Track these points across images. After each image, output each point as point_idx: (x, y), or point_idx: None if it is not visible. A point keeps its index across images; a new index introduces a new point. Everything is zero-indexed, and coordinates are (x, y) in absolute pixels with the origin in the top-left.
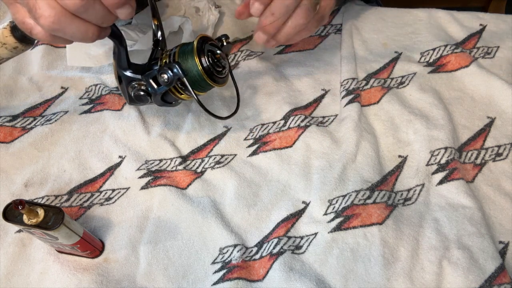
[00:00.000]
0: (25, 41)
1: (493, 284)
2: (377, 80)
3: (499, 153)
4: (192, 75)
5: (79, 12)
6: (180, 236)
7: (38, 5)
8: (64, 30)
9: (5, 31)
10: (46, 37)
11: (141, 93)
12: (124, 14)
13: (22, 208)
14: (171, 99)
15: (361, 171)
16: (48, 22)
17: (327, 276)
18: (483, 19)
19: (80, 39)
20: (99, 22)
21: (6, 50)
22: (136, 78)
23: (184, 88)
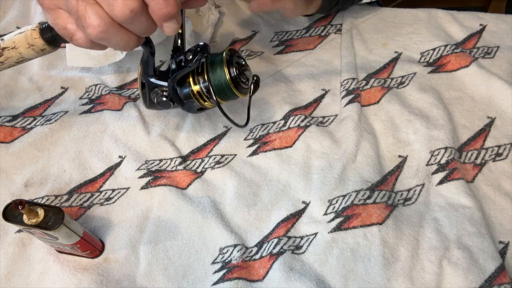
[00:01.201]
0: (54, 43)
1: (493, 284)
2: (377, 80)
3: (499, 153)
4: (219, 83)
5: (126, 23)
6: (180, 236)
7: (88, 15)
8: (109, 39)
9: (34, 32)
10: (86, 44)
11: (164, 98)
12: (170, 29)
13: (22, 208)
14: (194, 106)
15: (361, 171)
16: (96, 31)
17: (327, 276)
18: (483, 19)
19: (121, 47)
20: (142, 33)
21: (33, 51)
22: (161, 85)
23: (209, 96)
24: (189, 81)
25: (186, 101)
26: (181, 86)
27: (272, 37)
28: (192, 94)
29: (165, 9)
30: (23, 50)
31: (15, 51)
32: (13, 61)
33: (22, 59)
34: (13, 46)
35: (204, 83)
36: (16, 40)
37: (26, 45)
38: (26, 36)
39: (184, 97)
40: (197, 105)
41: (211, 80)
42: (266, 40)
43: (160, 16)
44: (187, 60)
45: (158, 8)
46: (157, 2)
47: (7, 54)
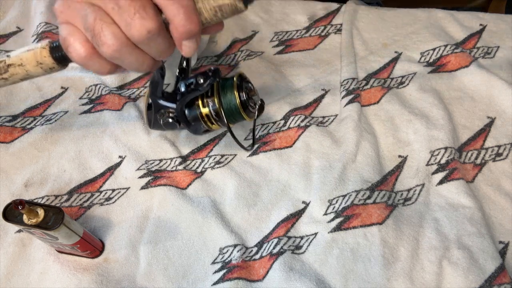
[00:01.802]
0: (63, 62)
1: (493, 284)
2: (377, 80)
3: (499, 153)
4: (229, 107)
5: (142, 44)
6: (180, 236)
7: (104, 33)
8: (122, 59)
9: (43, 51)
10: (83, 61)
11: (170, 120)
12: (189, 48)
13: (22, 208)
14: (201, 128)
15: (361, 171)
16: (110, 50)
17: (327, 276)
18: (483, 19)
19: (134, 68)
20: (157, 54)
21: (41, 69)
22: (169, 107)
23: (218, 118)
24: (198, 103)
25: (193, 123)
26: (189, 108)
27: (272, 37)
28: (201, 116)
29: (188, 26)
30: (31, 68)
31: (22, 68)
32: (18, 78)
33: (28, 77)
34: (20, 63)
35: (214, 106)
36: (24, 58)
37: (34, 63)
38: (35, 54)
39: (192, 119)
40: (204, 127)
41: (222, 104)
42: (266, 40)
43: (182, 33)
44: (198, 84)
45: (181, 24)
46: (181, 18)
47: (13, 71)
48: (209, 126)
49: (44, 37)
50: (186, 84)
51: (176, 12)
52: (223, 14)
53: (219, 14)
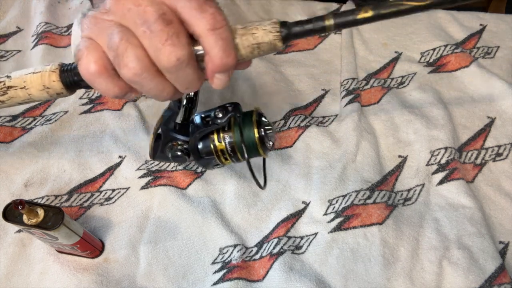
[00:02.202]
0: (72, 88)
1: (493, 284)
2: (377, 80)
3: (499, 153)
4: (246, 143)
5: (169, 72)
6: (180, 236)
7: (127, 54)
8: (142, 84)
9: (53, 75)
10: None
11: (179, 153)
12: (221, 81)
13: (22, 208)
14: (212, 163)
15: (361, 171)
16: (131, 73)
17: (327, 276)
18: (483, 19)
19: (153, 95)
20: (182, 86)
21: (47, 94)
22: (180, 139)
23: (233, 154)
24: (213, 137)
25: (206, 157)
26: (203, 142)
27: None
28: (215, 151)
29: (225, 59)
30: (35, 91)
31: (24, 91)
32: (16, 102)
33: (28, 101)
34: (23, 86)
35: (230, 141)
36: (28, 80)
37: (40, 87)
38: (43, 77)
39: (204, 153)
40: (216, 161)
41: (244, 139)
42: None
43: (217, 66)
44: (216, 117)
45: (218, 57)
46: (218, 50)
47: (12, 94)
48: (222, 161)
49: (44, 37)
50: (202, 117)
51: (214, 44)
52: (260, 52)
53: (256, 52)
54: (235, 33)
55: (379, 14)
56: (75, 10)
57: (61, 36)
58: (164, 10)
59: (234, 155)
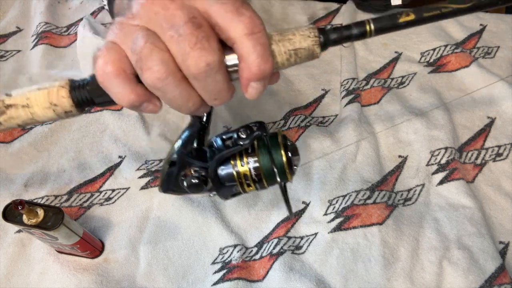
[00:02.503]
0: (82, 106)
1: (493, 284)
2: (377, 80)
3: (499, 153)
4: (278, 166)
5: (197, 79)
6: (180, 236)
7: (152, 57)
8: (165, 91)
9: (62, 90)
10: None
11: (195, 180)
12: (256, 91)
13: (22, 208)
14: (232, 191)
15: (361, 171)
16: (153, 77)
17: (327, 276)
18: (483, 19)
19: (176, 105)
20: (210, 96)
21: (53, 113)
22: (198, 164)
23: (257, 180)
24: (235, 161)
25: (227, 184)
26: (223, 166)
27: None
28: (237, 176)
29: (263, 66)
30: (39, 110)
31: (26, 110)
32: (15, 123)
33: (29, 122)
34: (26, 104)
35: (255, 164)
36: (32, 97)
37: (45, 104)
38: (50, 93)
39: (225, 179)
40: (236, 189)
41: (275, 162)
42: None
43: (254, 74)
44: (240, 138)
45: (256, 63)
46: (256, 56)
47: (12, 114)
48: (243, 189)
49: (43, 37)
50: (223, 139)
51: (252, 50)
52: (297, 59)
53: (293, 59)
54: (271, 39)
55: (421, 18)
56: (75, 10)
57: (61, 36)
58: (194, 14)
59: (259, 181)
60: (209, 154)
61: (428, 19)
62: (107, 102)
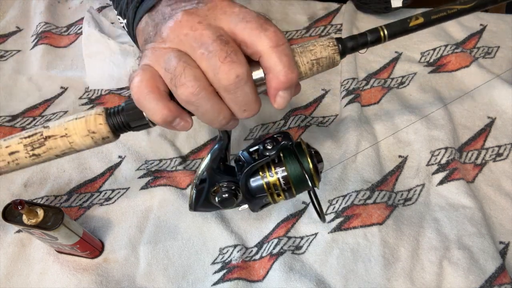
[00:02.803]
0: (119, 131)
1: (493, 284)
2: (377, 80)
3: (500, 153)
4: (301, 173)
5: (228, 91)
6: (180, 236)
7: (185, 74)
8: (198, 105)
9: (99, 117)
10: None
11: (227, 195)
12: (284, 100)
13: (21, 208)
14: (262, 202)
15: (361, 171)
16: (188, 92)
17: (327, 276)
18: (484, 19)
19: (208, 118)
20: (240, 107)
21: (91, 140)
22: (228, 180)
23: (286, 188)
24: (264, 173)
25: (258, 195)
26: (253, 178)
27: None
28: (267, 187)
29: (290, 75)
30: (78, 139)
31: (64, 140)
32: (54, 154)
33: (68, 151)
34: (64, 134)
35: (283, 174)
36: (71, 127)
37: (84, 132)
38: (88, 121)
39: (256, 191)
40: (266, 200)
41: (305, 168)
42: None
43: (282, 83)
44: (266, 149)
45: (283, 73)
46: (283, 66)
47: (51, 145)
48: (274, 199)
49: (43, 37)
50: (249, 152)
51: (279, 60)
52: (319, 68)
53: (315, 68)
54: (293, 52)
55: (430, 20)
56: (75, 10)
57: (61, 36)
58: (221, 32)
59: (288, 190)
60: (236, 168)
61: (436, 21)
62: (142, 126)
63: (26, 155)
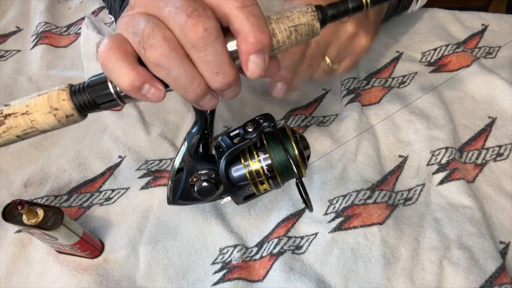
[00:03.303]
0: (84, 109)
1: (493, 284)
2: (378, 79)
3: (500, 153)
4: (285, 159)
5: (197, 49)
6: (180, 236)
7: (154, 35)
8: (169, 69)
9: (62, 93)
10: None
11: (206, 184)
12: (256, 66)
13: (21, 208)
14: (245, 192)
15: (362, 171)
16: (157, 54)
17: (327, 276)
18: (485, 19)
19: (181, 86)
20: (211, 69)
21: (54, 118)
22: (206, 167)
23: (270, 175)
24: (246, 158)
25: (239, 183)
26: (233, 165)
27: None
28: (249, 175)
29: (259, 35)
30: (39, 116)
31: (25, 118)
32: (14, 135)
33: (30, 132)
34: (25, 111)
35: (267, 161)
36: (32, 104)
37: (46, 109)
38: (50, 97)
39: (237, 179)
40: (249, 190)
41: (290, 155)
42: None
43: (252, 45)
44: (246, 132)
45: (252, 34)
46: (251, 27)
47: (11, 123)
48: (257, 188)
49: (43, 37)
50: (230, 136)
51: (246, 21)
52: (297, 36)
53: (293, 36)
54: (269, 19)
55: None
56: (75, 10)
57: (61, 36)
58: None
59: (272, 178)
60: (217, 156)
61: None
62: (108, 102)
63: None
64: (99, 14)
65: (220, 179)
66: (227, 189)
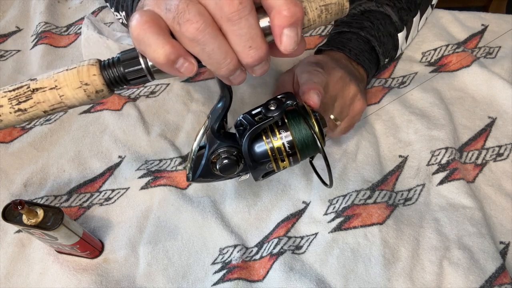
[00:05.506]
0: (114, 84)
1: (493, 284)
2: (378, 79)
3: (500, 153)
4: (306, 136)
5: (232, 22)
6: (180, 236)
7: (188, 10)
8: (204, 44)
9: (92, 68)
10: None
11: (228, 161)
12: (290, 40)
13: (21, 208)
14: (265, 169)
15: (362, 171)
16: (193, 29)
17: (327, 276)
18: (485, 19)
19: (215, 61)
20: (244, 42)
21: (84, 93)
22: (228, 145)
23: (291, 152)
24: (268, 135)
25: (261, 160)
26: (256, 142)
27: None
28: (271, 151)
29: (293, 8)
30: (69, 91)
31: (54, 93)
32: (42, 110)
33: (58, 107)
34: (54, 86)
35: (287, 137)
36: (61, 78)
37: (76, 84)
38: (80, 72)
39: (259, 156)
40: (270, 167)
41: (314, 129)
42: None
43: (286, 18)
44: (269, 110)
45: (285, 8)
46: (284, 1)
47: (39, 98)
48: (278, 165)
49: (43, 37)
50: (252, 114)
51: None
52: (327, 15)
53: (323, 16)
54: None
55: None
56: (75, 10)
57: (60, 36)
58: None
59: (293, 155)
60: (238, 134)
61: None
62: (139, 78)
63: (10, 110)
64: (99, 14)
65: (241, 156)
66: (248, 166)
